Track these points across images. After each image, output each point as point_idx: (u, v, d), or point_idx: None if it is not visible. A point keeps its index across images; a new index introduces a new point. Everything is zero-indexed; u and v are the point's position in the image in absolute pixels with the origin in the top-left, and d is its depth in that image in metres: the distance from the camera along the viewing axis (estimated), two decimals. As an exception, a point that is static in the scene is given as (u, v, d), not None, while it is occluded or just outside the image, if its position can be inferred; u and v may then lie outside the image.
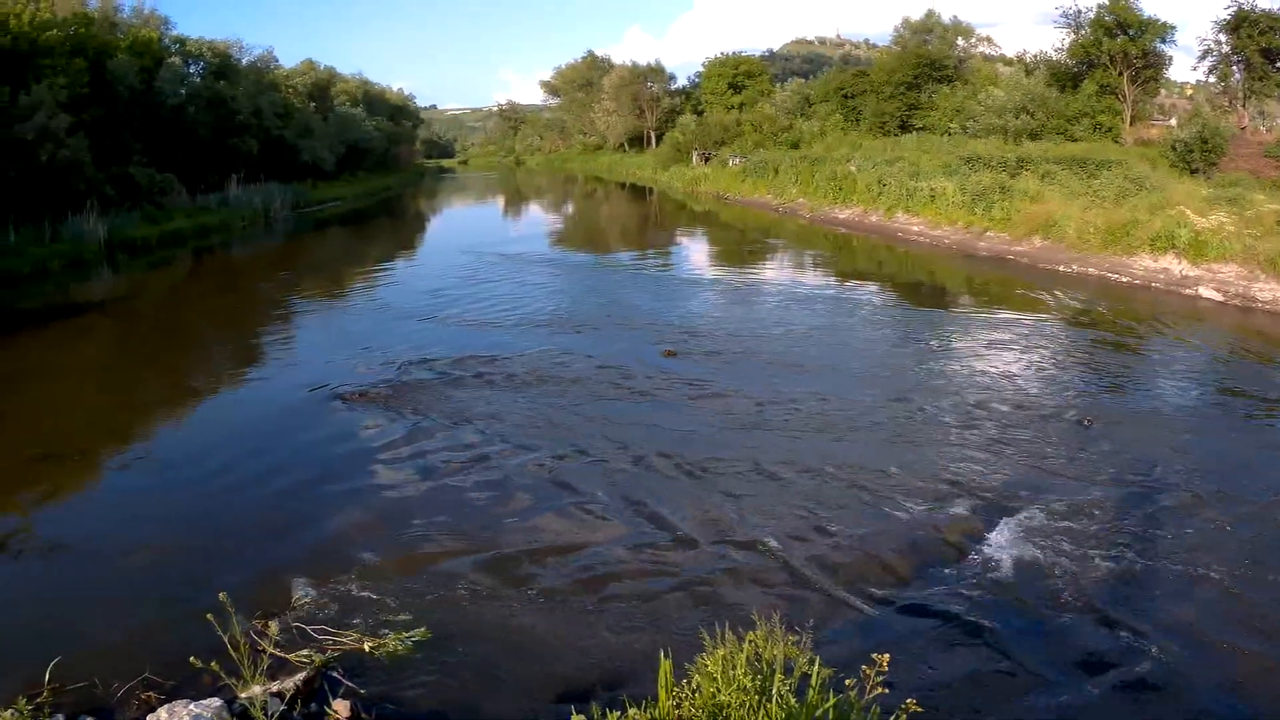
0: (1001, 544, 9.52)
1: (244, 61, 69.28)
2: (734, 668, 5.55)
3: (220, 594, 6.76)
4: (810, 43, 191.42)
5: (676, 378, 16.26)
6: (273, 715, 6.85)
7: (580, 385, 16.12)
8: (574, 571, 9.50)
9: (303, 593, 9.17)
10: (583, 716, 5.62)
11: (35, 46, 44.72)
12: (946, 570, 9.05)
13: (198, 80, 59.55)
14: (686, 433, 13.53)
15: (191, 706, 7.13)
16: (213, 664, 6.92)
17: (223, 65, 63.83)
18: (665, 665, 5.73)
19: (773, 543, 9.73)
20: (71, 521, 11.71)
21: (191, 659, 6.98)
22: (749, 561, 9.42)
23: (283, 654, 7.77)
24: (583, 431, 13.74)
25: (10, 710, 7.01)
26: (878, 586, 8.77)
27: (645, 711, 5.71)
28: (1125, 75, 52.58)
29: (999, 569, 9.06)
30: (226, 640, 6.85)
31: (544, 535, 10.40)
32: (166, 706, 7.17)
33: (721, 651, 5.71)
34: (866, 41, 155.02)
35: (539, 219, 56.44)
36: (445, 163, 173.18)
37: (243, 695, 7.44)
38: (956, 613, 8.28)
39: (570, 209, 64.11)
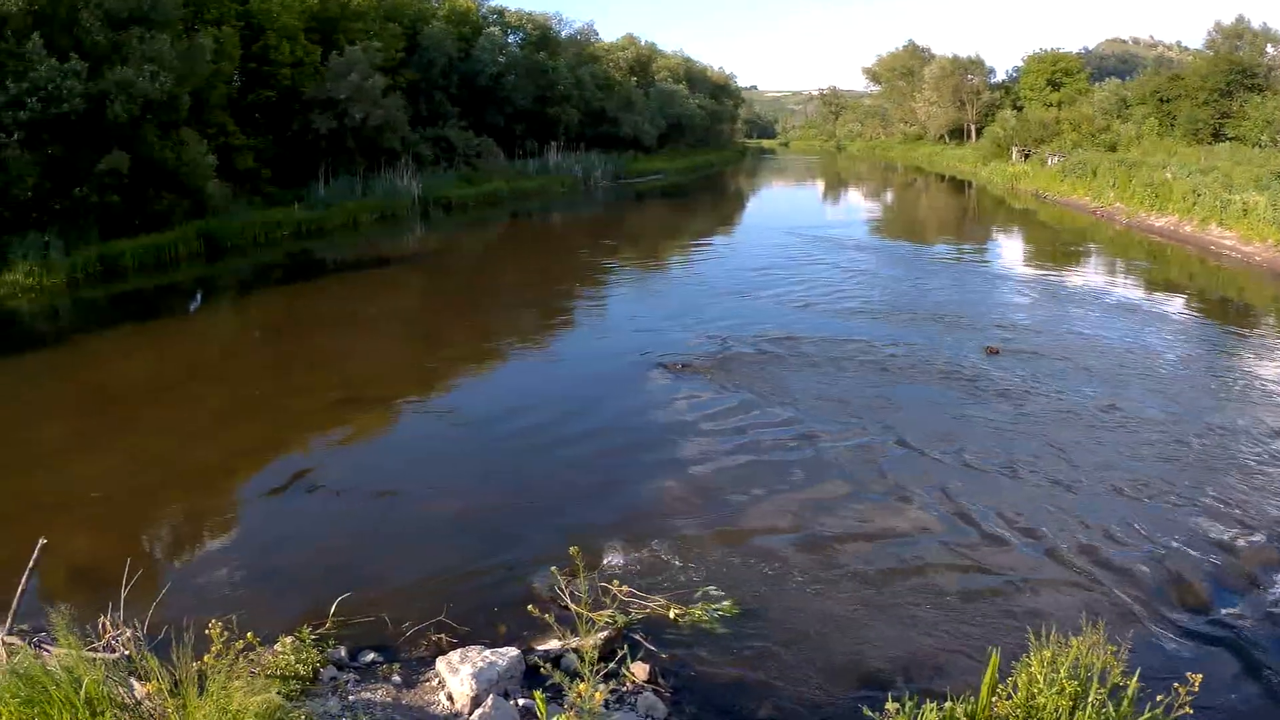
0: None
1: (564, 34, 72.64)
2: (1056, 671, 5.65)
3: (572, 548, 6.71)
4: (1124, 42, 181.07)
5: (998, 376, 15.79)
6: (574, 670, 6.59)
7: (901, 374, 15.93)
8: (883, 560, 9.40)
9: (612, 554, 9.26)
10: (898, 704, 5.74)
11: (345, 10, 48.38)
12: (1242, 598, 8.83)
13: (517, 50, 62.46)
14: (1003, 431, 13.12)
15: (486, 653, 7.00)
16: (547, 615, 7.01)
17: (542, 36, 67.13)
18: (994, 661, 5.84)
19: (1076, 550, 9.61)
20: (376, 465, 12.28)
21: (529, 607, 7.10)
22: (1053, 566, 9.38)
23: (587, 612, 7.63)
24: (901, 420, 13.49)
25: (291, 638, 7.15)
26: (1174, 606, 8.66)
27: (961, 706, 5.83)
28: None
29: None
30: (566, 592, 6.70)
31: (857, 521, 10.30)
32: (459, 651, 7.09)
33: (1047, 653, 5.77)
34: (1179, 44, 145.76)
35: (858, 205, 56.40)
36: (765, 143, 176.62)
37: (539, 648, 7.47)
38: (1248, 642, 8.05)
39: (889, 197, 63.96)
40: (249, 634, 6.27)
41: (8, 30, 27.79)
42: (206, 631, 5.85)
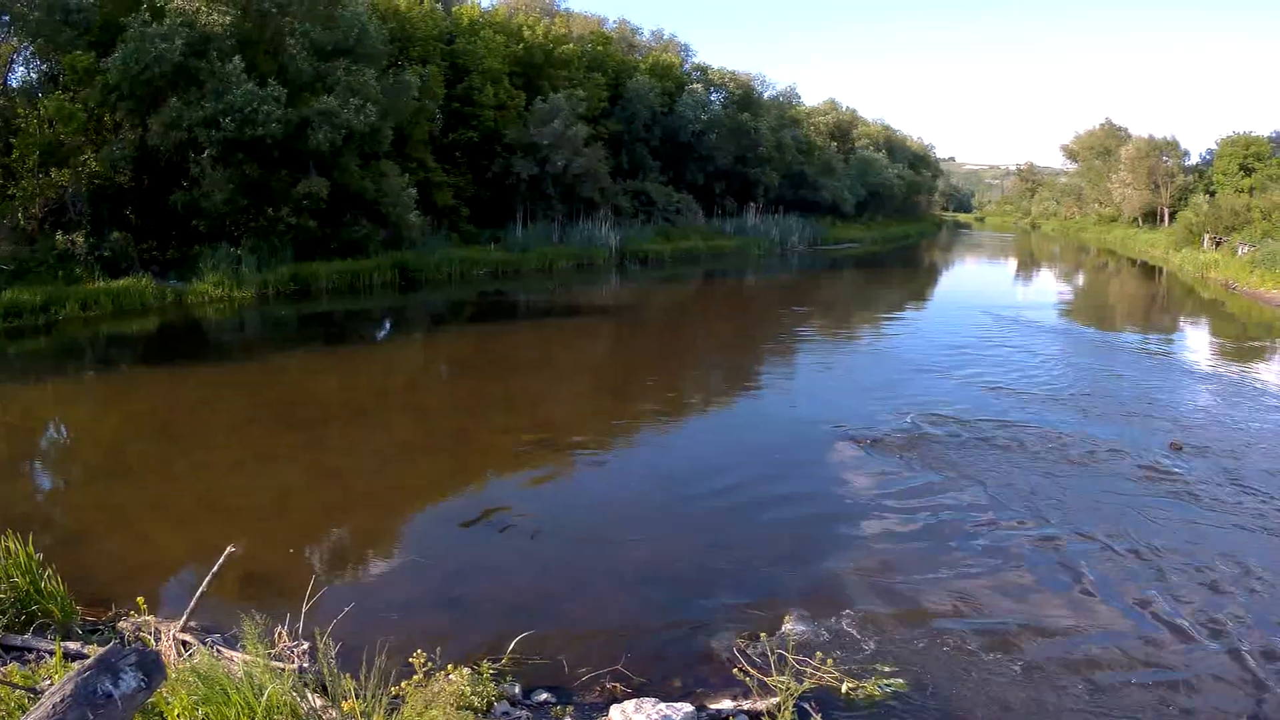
0: None
1: (766, 95, 73.75)
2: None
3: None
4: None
5: (1183, 472, 15.33)
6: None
7: (1087, 465, 15.62)
8: (1059, 651, 9.25)
9: (793, 622, 9.31)
10: None
11: (550, 57, 50.44)
12: None
13: (719, 109, 63.62)
14: (1189, 529, 12.72)
15: (661, 706, 7.14)
16: (736, 671, 7.17)
17: (745, 96, 68.29)
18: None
19: (1257, 656, 9.32)
20: (563, 510, 12.69)
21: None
22: (1233, 668, 9.13)
23: (762, 675, 7.79)
24: (1086, 512, 13.27)
25: (468, 669, 7.35)
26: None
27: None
28: None
29: None
30: (743, 654, 6.77)
31: (1038, 612, 10.17)
32: (634, 700, 7.24)
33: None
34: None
35: (1051, 287, 55.64)
36: (961, 216, 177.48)
37: (712, 706, 7.54)
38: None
39: (1081, 280, 62.91)
40: (449, 665, 6.71)
41: (211, 49, 29.44)
42: (410, 660, 6.39)
